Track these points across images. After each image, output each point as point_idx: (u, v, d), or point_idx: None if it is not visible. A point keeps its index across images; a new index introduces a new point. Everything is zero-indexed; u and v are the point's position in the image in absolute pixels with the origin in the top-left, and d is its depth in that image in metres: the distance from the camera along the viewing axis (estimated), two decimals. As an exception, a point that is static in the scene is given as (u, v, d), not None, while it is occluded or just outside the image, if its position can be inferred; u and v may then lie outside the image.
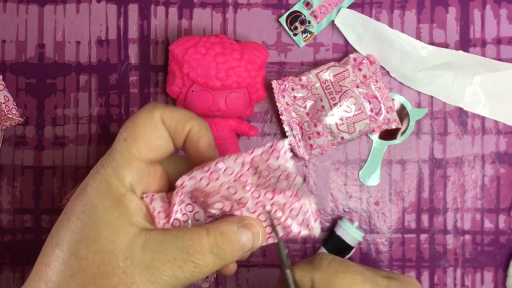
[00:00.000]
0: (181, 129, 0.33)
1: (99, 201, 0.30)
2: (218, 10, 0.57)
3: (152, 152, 0.32)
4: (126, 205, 0.30)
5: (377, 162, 0.56)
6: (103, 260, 0.29)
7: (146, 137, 0.32)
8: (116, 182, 0.31)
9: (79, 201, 0.31)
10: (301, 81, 0.55)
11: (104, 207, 0.30)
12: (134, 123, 0.32)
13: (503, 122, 0.56)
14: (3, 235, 0.57)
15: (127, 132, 0.32)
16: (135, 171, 0.31)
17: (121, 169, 0.31)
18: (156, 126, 0.32)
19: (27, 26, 0.57)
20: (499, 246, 0.57)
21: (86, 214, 0.30)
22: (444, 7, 0.57)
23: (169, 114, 0.33)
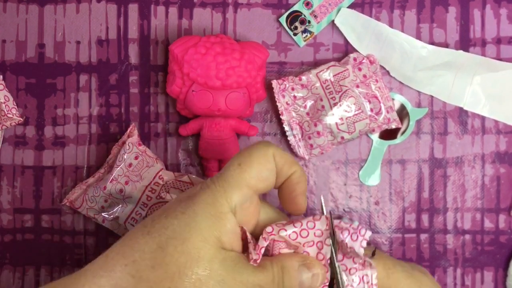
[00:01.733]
0: (286, 170, 0.36)
1: (202, 210, 0.33)
2: (218, 10, 0.57)
3: (260, 182, 0.35)
4: (223, 223, 0.33)
5: (377, 162, 0.56)
6: (186, 263, 0.31)
7: (259, 167, 0.35)
8: (223, 199, 0.33)
9: (184, 203, 0.33)
10: (301, 80, 0.55)
11: (204, 217, 0.33)
12: (250, 153, 0.35)
13: (503, 122, 0.56)
14: (3, 235, 0.57)
15: (242, 159, 0.35)
16: (242, 195, 0.34)
17: (230, 189, 0.34)
18: (269, 160, 0.35)
19: (27, 26, 0.57)
20: (499, 246, 0.57)
21: (185, 216, 0.33)
22: (444, 7, 0.57)
23: (280, 153, 0.36)
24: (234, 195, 0.34)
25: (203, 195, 0.34)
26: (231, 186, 0.34)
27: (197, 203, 0.33)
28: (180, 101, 0.54)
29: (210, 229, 0.32)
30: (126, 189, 0.52)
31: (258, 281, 0.33)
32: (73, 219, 0.57)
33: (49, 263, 0.56)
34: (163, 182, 0.53)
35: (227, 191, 0.34)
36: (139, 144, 0.53)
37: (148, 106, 0.57)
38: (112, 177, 0.52)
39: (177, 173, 0.54)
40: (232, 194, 0.34)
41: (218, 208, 0.33)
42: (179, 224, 0.32)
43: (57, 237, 0.57)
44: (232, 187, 0.34)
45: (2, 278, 0.57)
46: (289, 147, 0.56)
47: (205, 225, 0.32)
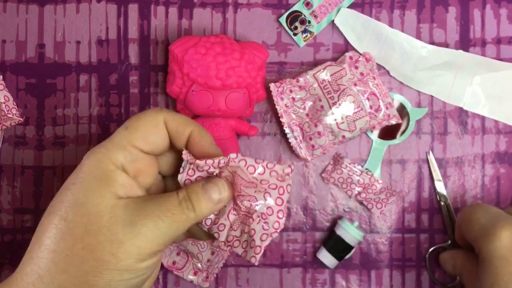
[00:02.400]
0: (182, 131, 0.38)
1: (89, 174, 0.35)
2: (218, 10, 0.57)
3: (147, 145, 0.37)
4: (114, 179, 0.35)
5: (377, 162, 0.56)
6: (89, 220, 0.34)
7: (145, 131, 0.37)
8: (107, 160, 0.35)
9: (72, 176, 0.36)
10: (299, 82, 0.55)
11: (92, 179, 0.35)
12: (138, 117, 0.37)
13: (503, 122, 0.56)
14: (3, 235, 0.57)
15: (130, 123, 0.37)
16: (128, 154, 0.36)
17: (115, 150, 0.36)
18: (157, 124, 0.37)
19: (27, 26, 0.57)
20: (499, 246, 0.57)
21: (77, 185, 0.35)
22: (444, 7, 0.57)
23: (172, 117, 0.38)
24: (118, 155, 0.36)
25: (88, 161, 0.36)
26: (115, 146, 0.36)
27: (83, 170, 0.35)
28: (180, 101, 0.54)
29: (102, 187, 0.35)
30: None
31: (164, 208, 0.35)
32: (73, 219, 0.56)
33: (49, 263, 0.56)
34: None
35: (110, 151, 0.36)
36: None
37: (148, 106, 0.57)
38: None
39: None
40: (116, 154, 0.36)
41: (103, 169, 0.35)
42: (72, 194, 0.35)
43: (57, 237, 0.56)
44: (117, 148, 0.36)
45: (2, 278, 0.57)
46: (290, 149, 0.56)
47: (96, 185, 0.35)
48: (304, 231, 0.57)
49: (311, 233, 0.57)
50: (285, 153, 0.57)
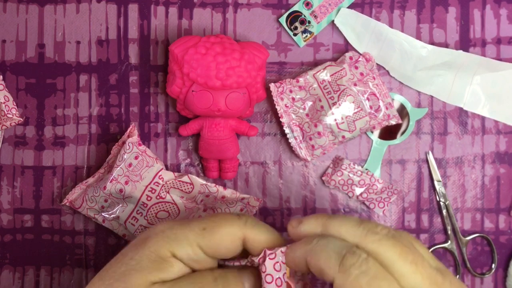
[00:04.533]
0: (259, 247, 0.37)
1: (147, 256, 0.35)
2: (218, 10, 0.57)
3: (215, 253, 0.37)
4: (168, 266, 0.35)
5: (377, 162, 0.56)
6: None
7: (219, 242, 0.36)
8: (168, 249, 0.36)
9: (134, 249, 0.36)
10: (299, 82, 0.55)
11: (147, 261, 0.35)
12: (220, 224, 0.37)
13: (503, 122, 0.56)
14: (3, 235, 0.57)
15: (209, 225, 0.37)
16: (192, 254, 0.36)
17: (183, 244, 0.36)
18: (234, 240, 0.37)
19: (27, 26, 0.57)
20: (499, 246, 0.57)
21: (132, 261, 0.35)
22: (444, 7, 0.57)
23: (254, 236, 0.37)
24: (182, 251, 0.36)
25: (152, 242, 0.36)
26: (184, 241, 0.36)
27: (144, 250, 0.36)
28: (180, 101, 0.54)
29: (152, 271, 0.35)
30: (126, 189, 0.52)
31: (198, 285, 0.35)
32: (73, 219, 0.57)
33: (49, 263, 0.56)
34: (163, 182, 0.53)
35: (178, 244, 0.36)
36: (139, 144, 0.53)
37: (148, 106, 0.57)
38: (112, 177, 0.52)
39: (177, 173, 0.54)
40: (181, 248, 0.36)
41: (162, 256, 0.35)
42: (126, 269, 0.35)
43: (57, 237, 0.57)
44: (185, 243, 0.36)
45: (2, 278, 0.57)
46: (290, 149, 0.56)
47: (147, 267, 0.35)
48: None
49: (311, 233, 0.57)
50: (285, 153, 0.57)
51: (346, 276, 0.33)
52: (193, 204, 0.54)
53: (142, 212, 0.54)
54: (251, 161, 0.57)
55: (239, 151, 0.55)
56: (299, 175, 0.57)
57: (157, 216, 0.54)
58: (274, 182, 0.57)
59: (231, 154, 0.54)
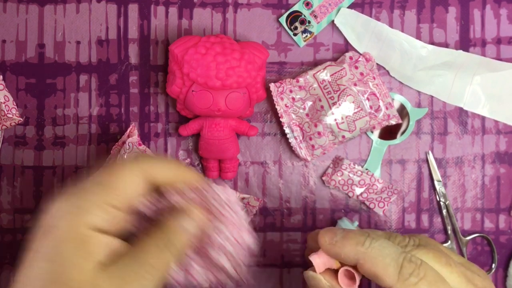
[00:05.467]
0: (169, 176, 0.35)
1: (63, 241, 0.31)
2: (218, 10, 0.57)
3: (128, 205, 0.34)
4: (92, 244, 0.31)
5: (377, 162, 0.56)
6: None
7: (123, 189, 0.33)
8: (80, 223, 0.31)
9: (44, 241, 0.31)
10: (299, 82, 0.55)
11: (68, 248, 0.31)
12: (112, 173, 0.34)
13: (503, 122, 0.56)
14: (3, 235, 0.57)
15: (104, 178, 0.33)
16: (105, 214, 0.32)
17: (94, 217, 0.32)
18: (134, 181, 0.34)
19: (27, 26, 0.57)
20: (499, 246, 0.57)
21: (51, 254, 0.31)
22: (444, 7, 0.57)
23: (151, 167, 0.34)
24: (96, 219, 0.32)
25: (59, 224, 0.32)
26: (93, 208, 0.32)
27: (57, 236, 0.31)
28: (180, 101, 0.54)
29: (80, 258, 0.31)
30: None
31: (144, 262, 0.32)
32: (73, 219, 0.56)
33: (49, 263, 0.56)
34: None
35: (88, 217, 0.32)
36: (139, 144, 0.53)
37: (148, 106, 0.57)
38: (112, 177, 0.52)
39: None
40: (93, 217, 0.32)
41: (78, 233, 0.31)
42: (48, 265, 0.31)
43: (57, 237, 0.56)
44: (94, 209, 0.32)
45: (2, 278, 0.57)
46: (290, 149, 0.56)
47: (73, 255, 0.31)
48: (304, 231, 0.57)
49: (311, 233, 0.57)
50: (285, 153, 0.57)
51: (407, 285, 0.33)
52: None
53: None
54: (251, 161, 0.57)
55: (239, 151, 0.55)
56: (299, 175, 0.57)
57: None
58: (274, 182, 0.57)
59: (231, 154, 0.54)
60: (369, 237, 0.35)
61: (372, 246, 0.35)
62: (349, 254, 0.35)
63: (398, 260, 0.34)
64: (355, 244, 0.35)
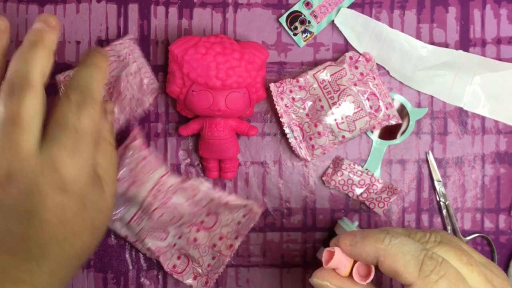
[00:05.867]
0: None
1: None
2: (218, 10, 0.57)
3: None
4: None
5: (377, 162, 0.56)
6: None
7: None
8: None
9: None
10: (299, 82, 0.55)
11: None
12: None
13: (503, 122, 0.56)
14: (3, 235, 0.56)
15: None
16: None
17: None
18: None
19: (27, 26, 0.57)
20: (499, 246, 0.57)
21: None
22: (444, 7, 0.57)
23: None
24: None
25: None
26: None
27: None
28: (180, 101, 0.54)
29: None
30: (130, 191, 0.52)
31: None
32: (73, 219, 0.56)
33: (49, 263, 0.56)
34: (167, 186, 0.53)
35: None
36: (143, 148, 0.53)
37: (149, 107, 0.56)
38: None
39: (182, 177, 0.54)
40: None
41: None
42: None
43: (57, 237, 0.56)
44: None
45: (2, 278, 0.57)
46: (290, 149, 0.56)
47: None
48: (304, 231, 0.57)
49: (311, 233, 0.57)
50: (285, 153, 0.57)
51: (427, 282, 0.33)
52: (197, 208, 0.54)
53: (145, 216, 0.54)
54: (251, 161, 0.57)
55: (239, 151, 0.55)
56: (299, 175, 0.57)
57: (160, 219, 0.53)
58: (274, 182, 0.57)
59: (231, 154, 0.54)
60: (388, 235, 0.35)
61: (392, 243, 0.35)
62: (370, 252, 0.35)
63: (419, 257, 0.34)
64: (375, 242, 0.35)
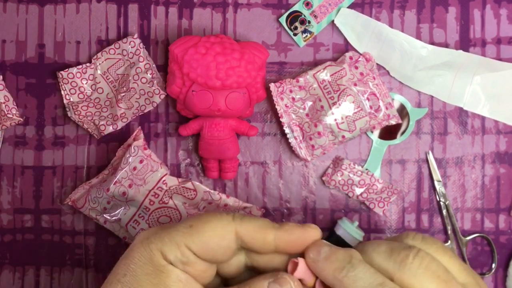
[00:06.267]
0: (261, 241, 0.34)
1: (140, 267, 0.32)
2: (218, 10, 0.57)
3: (205, 253, 0.33)
4: (166, 275, 0.32)
5: (377, 162, 0.56)
6: None
7: (208, 239, 0.33)
8: (159, 253, 0.32)
9: (122, 265, 0.33)
10: (299, 82, 0.55)
11: (144, 274, 0.32)
12: (207, 221, 0.33)
13: (503, 122, 0.56)
14: (3, 235, 0.57)
15: (196, 223, 0.33)
16: (180, 255, 0.33)
17: (168, 245, 0.32)
18: (224, 237, 0.33)
19: (27, 26, 0.57)
20: (499, 246, 0.57)
21: (127, 277, 0.32)
22: (444, 7, 0.57)
23: (246, 229, 0.33)
24: (169, 252, 0.32)
25: (139, 251, 0.33)
26: (170, 242, 0.33)
27: (135, 261, 0.33)
28: (180, 101, 0.54)
29: (154, 284, 0.32)
30: (129, 192, 0.52)
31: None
32: (73, 219, 0.57)
33: (49, 263, 0.57)
34: (166, 187, 0.53)
35: (164, 246, 0.33)
36: (144, 148, 0.53)
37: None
38: (115, 179, 0.52)
39: (181, 179, 0.54)
40: (168, 250, 0.32)
41: (155, 263, 0.32)
42: (121, 286, 0.32)
43: (57, 237, 0.57)
44: (171, 244, 0.33)
45: (2, 278, 0.57)
46: (290, 149, 0.56)
47: (147, 280, 0.32)
48: (304, 231, 0.57)
49: (311, 233, 0.57)
50: (285, 153, 0.57)
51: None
52: (195, 210, 0.54)
53: (144, 216, 0.54)
54: (251, 161, 0.57)
55: (239, 151, 0.55)
56: (299, 175, 0.57)
57: (158, 221, 0.53)
58: (274, 182, 0.57)
59: (231, 154, 0.54)
60: (349, 264, 0.33)
61: (348, 276, 0.33)
62: (327, 277, 0.34)
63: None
64: (333, 269, 0.33)
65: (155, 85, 0.55)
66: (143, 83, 0.54)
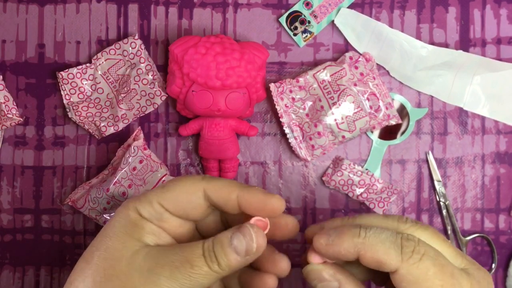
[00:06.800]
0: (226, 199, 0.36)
1: (119, 222, 0.36)
2: (218, 10, 0.57)
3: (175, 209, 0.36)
4: (140, 227, 0.35)
5: (377, 162, 0.56)
6: (108, 264, 0.34)
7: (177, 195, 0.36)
8: (135, 210, 0.36)
9: (106, 224, 0.36)
10: (299, 82, 0.55)
11: (120, 226, 0.35)
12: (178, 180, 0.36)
13: (503, 122, 0.56)
14: (3, 235, 0.57)
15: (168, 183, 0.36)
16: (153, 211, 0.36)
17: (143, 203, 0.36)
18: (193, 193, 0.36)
19: (27, 26, 0.57)
20: (499, 246, 0.57)
21: (107, 231, 0.36)
22: (444, 7, 0.57)
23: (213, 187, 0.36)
24: (143, 209, 0.35)
25: (120, 210, 0.36)
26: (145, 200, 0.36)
27: (116, 219, 0.36)
28: (180, 101, 0.54)
29: (127, 234, 0.35)
30: (129, 192, 0.52)
31: (184, 258, 0.33)
32: (73, 219, 0.57)
33: (49, 263, 0.57)
34: None
35: (140, 204, 0.36)
36: (144, 148, 0.53)
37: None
38: (115, 180, 0.52)
39: None
40: (142, 207, 0.35)
41: (131, 217, 0.35)
42: (101, 239, 0.35)
43: (57, 237, 0.57)
44: (145, 202, 0.36)
45: (2, 278, 0.57)
46: (290, 149, 0.56)
47: (121, 231, 0.35)
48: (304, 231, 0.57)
49: (311, 233, 0.57)
50: (285, 153, 0.57)
51: (411, 263, 0.33)
52: None
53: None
54: (251, 161, 0.57)
55: (239, 151, 0.55)
56: (299, 175, 0.57)
57: None
58: (274, 182, 0.57)
59: (231, 154, 0.54)
60: (362, 228, 0.35)
61: (368, 235, 0.34)
62: (349, 248, 0.35)
63: (397, 242, 0.34)
64: (352, 237, 0.35)
65: (156, 86, 0.55)
66: (144, 84, 0.54)
